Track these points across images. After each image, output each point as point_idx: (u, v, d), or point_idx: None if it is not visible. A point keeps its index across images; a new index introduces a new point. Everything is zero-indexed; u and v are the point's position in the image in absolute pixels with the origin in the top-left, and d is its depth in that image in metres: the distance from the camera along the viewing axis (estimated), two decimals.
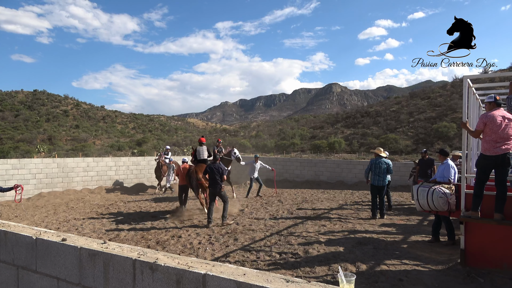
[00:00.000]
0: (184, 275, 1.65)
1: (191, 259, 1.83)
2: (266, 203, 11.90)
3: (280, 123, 67.76)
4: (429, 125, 34.19)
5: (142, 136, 57.72)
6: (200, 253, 6.47)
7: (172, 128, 75.07)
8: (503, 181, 5.14)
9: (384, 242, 6.91)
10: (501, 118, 5.07)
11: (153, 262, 1.75)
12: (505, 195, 5.13)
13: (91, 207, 11.66)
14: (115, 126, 68.43)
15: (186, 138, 54.31)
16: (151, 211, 10.73)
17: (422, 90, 50.85)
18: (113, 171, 16.02)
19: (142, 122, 76.54)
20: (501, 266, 5.14)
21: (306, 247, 6.58)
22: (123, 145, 43.08)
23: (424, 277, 5.06)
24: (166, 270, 1.70)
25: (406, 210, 10.72)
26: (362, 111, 50.23)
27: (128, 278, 1.85)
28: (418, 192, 6.35)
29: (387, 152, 10.76)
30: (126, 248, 2.04)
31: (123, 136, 59.81)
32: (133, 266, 1.83)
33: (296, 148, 36.78)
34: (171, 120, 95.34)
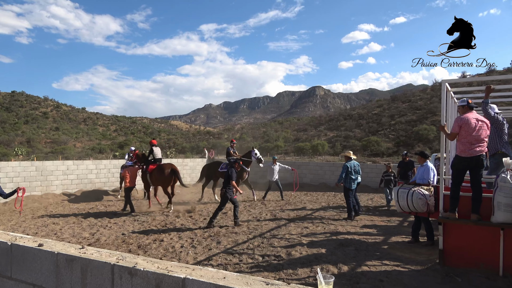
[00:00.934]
0: (163, 280, 1.63)
1: (170, 263, 1.81)
2: (250, 206, 11.89)
3: (264, 125, 67.95)
4: (409, 127, 34.87)
5: (124, 138, 56.95)
6: (182, 256, 6.41)
7: (155, 131, 74.35)
8: (478, 183, 5.30)
9: (366, 243, 7.00)
10: (475, 120, 5.27)
11: (132, 267, 1.73)
12: (480, 197, 5.29)
13: (71, 211, 11.41)
14: (96, 129, 67.31)
15: (170, 140, 53.84)
16: (133, 215, 10.57)
17: (403, 94, 51.88)
18: (94, 175, 15.73)
19: (124, 125, 75.54)
20: (478, 266, 5.27)
21: (288, 249, 6.60)
22: (105, 147, 42.42)
23: (404, 278, 5.14)
24: (145, 275, 1.69)
25: (387, 211, 10.89)
26: (345, 114, 50.87)
27: (106, 283, 1.83)
28: (398, 193, 6.46)
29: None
30: (105, 253, 2.01)
31: (104, 139, 58.88)
32: (112, 271, 1.80)
33: (280, 150, 36.93)
34: (154, 122, 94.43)
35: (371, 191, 15.62)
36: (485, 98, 6.11)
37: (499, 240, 5.14)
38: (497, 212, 4.98)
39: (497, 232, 5.15)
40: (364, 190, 15.91)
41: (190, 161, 20.44)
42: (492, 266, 5.18)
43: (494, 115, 6.13)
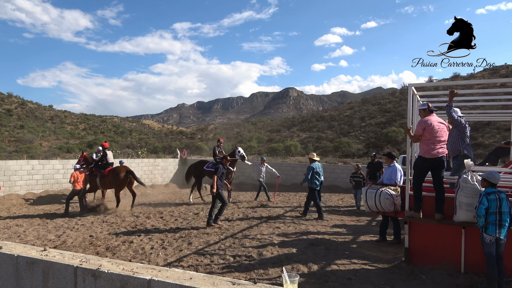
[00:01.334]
0: (128, 282, 1.60)
1: (136, 265, 1.78)
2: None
3: (237, 126, 67.90)
4: (379, 129, 35.81)
5: (93, 137, 55.38)
6: (152, 258, 6.31)
7: (126, 130, 72.72)
8: (441, 183, 5.55)
9: (335, 243, 7.13)
10: (437, 123, 5.54)
11: (96, 269, 1.69)
12: (443, 197, 5.52)
13: (36, 213, 10.99)
14: (64, 127, 65.08)
15: (141, 140, 52.86)
16: (102, 216, 10.30)
17: (373, 97, 53.22)
18: (61, 175, 15.21)
19: (93, 123, 73.44)
20: (442, 263, 5.48)
21: (260, 249, 6.63)
22: (73, 147, 41.12)
23: (371, 276, 5.28)
24: (109, 277, 1.65)
25: (357, 211, 11.12)
26: (317, 116, 51.63)
27: (69, 286, 1.77)
28: (367, 194, 6.63)
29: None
30: (68, 255, 1.95)
31: (73, 138, 57.05)
32: (75, 274, 1.75)
33: (253, 151, 37.01)
34: (125, 121, 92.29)
35: (342, 191, 15.92)
36: (449, 102, 6.36)
37: (461, 238, 5.37)
38: (459, 212, 5.19)
39: (459, 230, 5.38)
40: (335, 191, 16.20)
41: (162, 161, 20.14)
42: (455, 264, 5.40)
43: (457, 118, 6.39)
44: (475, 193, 4.96)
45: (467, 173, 5.21)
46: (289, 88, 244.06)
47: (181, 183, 19.96)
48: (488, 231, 4.47)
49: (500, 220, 4.44)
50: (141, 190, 16.36)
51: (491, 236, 4.45)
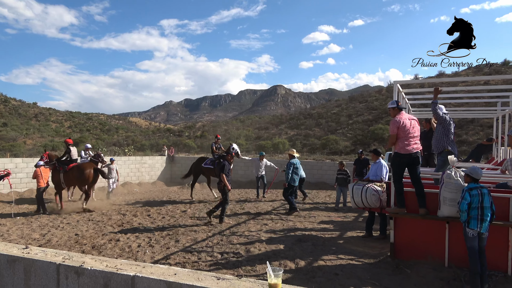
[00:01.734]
0: (112, 278, 1.59)
1: (120, 261, 1.77)
2: (210, 203, 11.82)
3: (225, 123, 67.67)
4: (366, 127, 36.15)
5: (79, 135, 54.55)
6: (139, 256, 6.27)
7: (112, 128, 71.84)
8: (418, 179, 5.68)
9: (322, 239, 7.18)
10: (409, 120, 5.68)
11: (79, 266, 1.66)
12: (423, 191, 5.63)
13: (20, 212, 10.79)
14: (49, 125, 63.94)
15: (128, 137, 52.30)
16: (87, 214, 10.18)
17: (360, 94, 53.65)
18: None
19: (79, 121, 72.34)
20: (426, 258, 5.58)
21: (248, 246, 6.64)
22: (58, 145, 40.38)
23: (357, 271, 5.34)
24: (93, 274, 1.63)
25: (343, 207, 11.21)
26: (305, 113, 51.83)
27: (51, 284, 1.74)
28: (353, 190, 6.69)
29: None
30: (51, 253, 1.92)
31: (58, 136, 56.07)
32: (57, 271, 1.72)
33: (241, 148, 36.94)
34: (111, 119, 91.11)
35: (329, 188, 16.02)
36: (434, 99, 6.46)
37: (445, 233, 5.47)
38: (443, 207, 5.28)
39: (443, 225, 5.47)
40: (322, 187, 16.31)
41: (149, 158, 19.98)
42: (439, 258, 5.50)
43: (442, 115, 6.49)
44: (458, 188, 5.05)
45: (451, 169, 5.30)
46: (277, 86, 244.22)
47: (168, 181, 19.86)
48: (470, 226, 4.57)
49: (481, 215, 4.53)
50: (127, 188, 16.22)
51: (473, 231, 4.55)
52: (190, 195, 13.22)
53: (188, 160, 20.74)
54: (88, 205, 10.93)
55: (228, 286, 1.54)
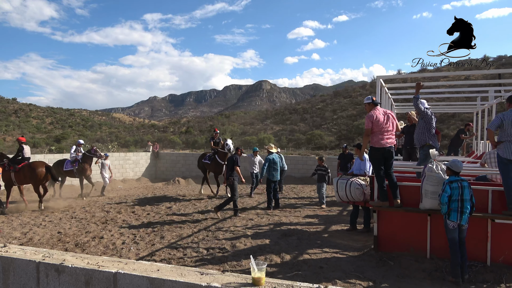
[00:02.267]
0: (93, 275, 1.56)
1: (102, 258, 1.74)
2: (195, 199, 11.78)
3: (211, 119, 67.35)
4: (350, 122, 36.49)
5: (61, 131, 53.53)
6: (124, 253, 6.20)
7: (95, 124, 70.69)
8: (391, 173, 5.81)
9: (308, 233, 7.24)
10: (383, 115, 5.78)
11: (60, 263, 1.63)
12: (395, 183, 5.78)
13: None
14: (29, 121, 62.46)
15: (112, 134, 51.54)
16: (70, 212, 10.01)
17: (345, 89, 54.07)
18: None
19: (61, 117, 70.88)
20: (408, 250, 5.69)
21: (233, 241, 6.64)
22: (39, 141, 39.57)
23: (342, 264, 5.41)
24: (73, 271, 1.60)
25: (328, 202, 11.31)
26: (290, 108, 52.00)
27: (31, 282, 1.71)
28: (337, 184, 6.75)
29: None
30: (30, 251, 1.88)
31: (39, 132, 54.90)
32: (37, 270, 1.69)
33: None
34: (94, 115, 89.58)
35: (315, 183, 16.10)
36: (415, 94, 6.56)
37: (427, 225, 5.58)
38: (425, 199, 5.38)
39: (425, 218, 5.58)
40: (307, 182, 16.41)
41: (133, 155, 19.76)
42: (421, 250, 5.61)
43: (423, 109, 6.60)
44: (439, 181, 5.15)
45: (433, 162, 5.40)
46: (262, 81, 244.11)
47: (153, 177, 19.69)
48: (451, 218, 4.68)
49: (462, 207, 4.64)
50: (111, 185, 15.99)
51: (453, 222, 4.66)
52: (200, 190, 13.34)
53: (173, 156, 20.59)
54: (49, 204, 10.84)
55: (211, 281, 1.53)
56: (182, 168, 19.57)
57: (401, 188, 5.84)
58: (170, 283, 1.43)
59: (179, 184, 16.56)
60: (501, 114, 5.14)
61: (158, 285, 1.44)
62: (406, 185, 5.90)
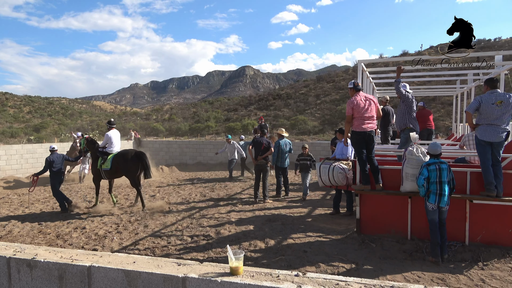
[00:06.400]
0: (67, 270, 1.51)
1: (76, 252, 1.69)
2: (179, 187, 11.71)
3: (194, 105, 66.68)
4: (333, 106, 36.70)
5: (40, 121, 52.20)
6: (106, 243, 6.13)
7: (75, 112, 69.12)
8: (372, 157, 5.89)
9: (292, 218, 7.29)
10: (363, 101, 5.83)
11: (31, 258, 1.57)
12: (377, 168, 5.85)
13: None
14: (6, 110, 60.61)
15: (93, 122, 50.55)
16: (51, 203, 9.82)
17: (328, 74, 54.18)
18: (4, 161, 14.24)
19: (39, 106, 69.00)
20: (390, 231, 5.80)
21: (218, 228, 6.64)
22: (17, 131, 38.49)
23: (325, 247, 5.48)
24: (46, 266, 1.55)
25: (311, 186, 11.40)
26: (274, 94, 51.86)
27: (2, 278, 1.65)
28: (320, 169, 6.79)
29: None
30: (1, 246, 1.81)
31: (16, 121, 53.39)
32: (8, 265, 1.63)
33: (210, 131, 36.67)
34: (74, 103, 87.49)
35: None
36: (397, 78, 6.59)
37: (407, 207, 5.69)
38: (405, 182, 5.46)
39: (406, 200, 5.68)
40: (291, 167, 16.46)
41: None
42: (402, 232, 5.73)
43: (404, 93, 6.66)
44: (420, 164, 5.22)
45: (413, 145, 5.47)
46: (245, 67, 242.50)
47: None
48: (429, 200, 4.77)
49: (440, 190, 4.73)
50: None
51: (432, 205, 4.75)
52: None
53: (155, 144, 20.36)
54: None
55: (189, 271, 1.50)
56: (166, 156, 19.38)
57: (382, 171, 5.92)
58: (146, 275, 1.40)
59: (162, 172, 16.42)
60: (479, 97, 5.21)
61: (134, 277, 1.41)
62: (387, 169, 5.97)
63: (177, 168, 17.19)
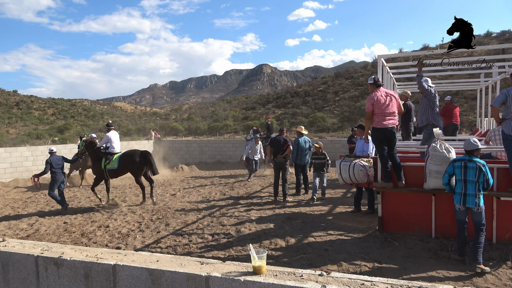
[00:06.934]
0: (92, 268, 1.54)
1: (101, 250, 1.71)
2: (199, 186, 11.81)
3: (212, 105, 67.10)
4: (352, 103, 36.21)
5: (63, 122, 53.60)
6: (129, 241, 6.23)
7: (97, 113, 70.65)
8: (394, 154, 5.75)
9: (312, 216, 7.24)
10: (384, 97, 5.68)
11: (58, 257, 1.61)
12: (399, 165, 5.71)
13: (6, 202, 10.62)
14: (31, 113, 62.46)
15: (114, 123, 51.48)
16: (75, 202, 10.07)
17: (346, 70, 53.43)
18: (30, 162, 14.70)
19: (63, 108, 70.81)
20: (413, 230, 5.68)
21: (238, 226, 6.66)
22: (42, 132, 39.62)
23: (347, 245, 5.41)
24: (72, 265, 1.58)
25: (331, 184, 11.30)
26: (292, 91, 51.58)
27: (31, 276, 1.69)
28: (340, 166, 6.71)
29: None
30: (29, 245, 1.86)
31: (41, 123, 54.96)
32: (36, 264, 1.67)
33: (229, 129, 36.79)
34: (95, 104, 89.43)
35: None
36: (418, 72, 6.45)
37: (431, 205, 5.55)
38: (429, 179, 5.33)
39: (429, 197, 5.55)
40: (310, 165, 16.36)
41: (135, 143, 19.77)
42: (426, 229, 5.60)
43: (427, 87, 6.50)
44: (444, 161, 5.09)
45: (436, 141, 5.33)
46: (262, 65, 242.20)
47: (156, 165, 19.72)
48: (454, 200, 4.59)
49: (465, 189, 4.46)
50: None
51: (458, 205, 4.54)
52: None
53: (175, 143, 20.59)
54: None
55: (212, 270, 1.50)
56: (185, 155, 19.59)
57: (404, 168, 5.79)
58: (170, 274, 1.41)
59: (182, 171, 16.60)
60: (505, 90, 5.03)
61: (158, 276, 1.42)
62: (409, 165, 5.85)
63: (197, 167, 17.34)
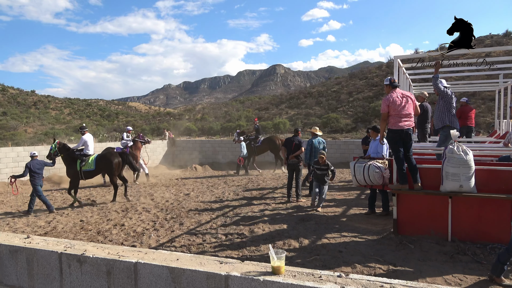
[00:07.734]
0: (114, 265, 1.58)
1: (122, 248, 1.75)
2: (212, 186, 11.87)
3: (225, 105, 67.37)
4: (366, 104, 35.92)
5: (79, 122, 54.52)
6: (144, 240, 6.32)
7: (112, 113, 71.69)
8: (410, 156, 5.70)
9: (325, 217, 7.22)
10: (400, 98, 5.63)
11: (81, 254, 1.66)
12: (415, 166, 5.66)
13: (24, 200, 10.86)
14: (48, 112, 63.84)
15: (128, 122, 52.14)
16: (91, 200, 10.23)
17: (360, 71, 53.02)
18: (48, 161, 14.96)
19: (79, 107, 72.18)
20: (429, 232, 5.61)
21: (251, 226, 6.68)
22: (59, 132, 40.41)
23: (361, 247, 5.38)
24: (95, 262, 1.62)
25: (346, 186, 11.25)
26: (305, 92, 51.46)
27: (54, 273, 1.74)
28: (355, 168, 6.67)
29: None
30: (52, 242, 1.91)
31: (58, 123, 56.09)
32: (59, 260, 1.72)
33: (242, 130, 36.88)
34: (111, 104, 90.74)
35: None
36: (435, 73, 6.37)
37: (448, 207, 5.47)
38: (446, 182, 5.27)
39: (446, 200, 5.48)
40: None
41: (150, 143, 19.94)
42: (442, 232, 5.52)
43: (443, 89, 6.42)
44: (460, 163, 5.02)
45: (453, 143, 5.26)
46: (276, 65, 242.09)
47: (170, 165, 19.89)
48: None
49: None
50: (129, 173, 16.26)
51: None
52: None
53: (189, 143, 20.74)
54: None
55: (231, 269, 1.53)
56: (199, 155, 19.70)
57: (420, 170, 5.73)
58: (190, 273, 1.44)
59: (196, 171, 16.71)
60: None
61: (178, 274, 1.45)
62: (425, 167, 5.78)
63: (210, 167, 17.43)
